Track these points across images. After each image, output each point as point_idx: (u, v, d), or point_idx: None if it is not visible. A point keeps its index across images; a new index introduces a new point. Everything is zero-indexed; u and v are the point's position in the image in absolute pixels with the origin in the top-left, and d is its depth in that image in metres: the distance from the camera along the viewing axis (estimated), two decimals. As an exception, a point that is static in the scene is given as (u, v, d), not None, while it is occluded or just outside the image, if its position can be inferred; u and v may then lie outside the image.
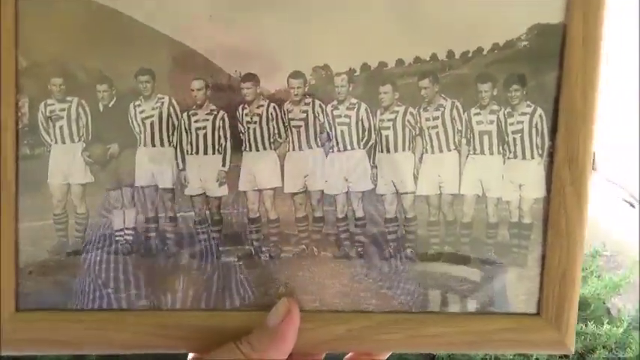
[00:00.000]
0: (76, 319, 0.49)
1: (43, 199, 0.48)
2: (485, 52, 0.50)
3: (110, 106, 0.48)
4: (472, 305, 0.52)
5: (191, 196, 0.50)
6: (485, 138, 0.51)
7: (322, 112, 0.50)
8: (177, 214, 0.50)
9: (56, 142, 0.48)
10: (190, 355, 0.51)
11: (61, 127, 0.48)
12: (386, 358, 0.55)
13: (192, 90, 0.48)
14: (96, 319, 0.49)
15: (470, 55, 0.50)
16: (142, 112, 0.48)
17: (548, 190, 0.52)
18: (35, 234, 0.48)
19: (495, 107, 0.51)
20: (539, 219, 0.52)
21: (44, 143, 0.48)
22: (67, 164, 0.48)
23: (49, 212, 0.48)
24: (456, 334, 0.52)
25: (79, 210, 0.49)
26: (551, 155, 0.51)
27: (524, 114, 0.51)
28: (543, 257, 0.52)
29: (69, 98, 0.47)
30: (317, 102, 0.50)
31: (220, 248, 0.50)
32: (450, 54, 0.50)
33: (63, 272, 0.49)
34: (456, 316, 0.52)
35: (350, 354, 0.55)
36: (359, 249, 0.51)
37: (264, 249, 0.51)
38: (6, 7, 0.45)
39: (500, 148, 0.52)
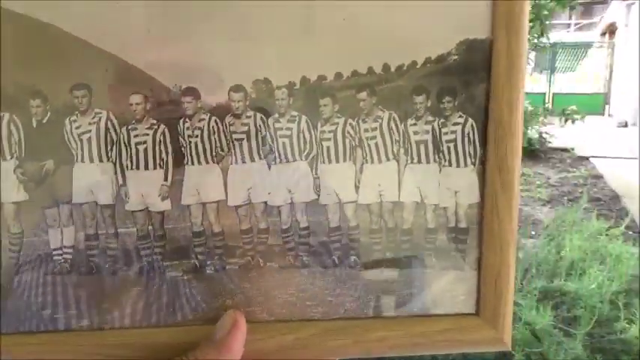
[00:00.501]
0: (12, 343, 0.47)
1: (-27, 219, 0.46)
2: (418, 66, 0.52)
3: (44, 121, 0.46)
4: (414, 308, 0.54)
5: (132, 212, 0.49)
6: (422, 147, 0.53)
7: (264, 125, 0.50)
8: (119, 230, 0.48)
9: (-14, 160, 0.46)
10: None
11: (-9, 145, 0.46)
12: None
13: (131, 104, 0.47)
14: (39, 342, 0.47)
15: (405, 68, 0.51)
16: (78, 127, 0.47)
17: (482, 195, 0.54)
18: (-35, 256, 0.46)
19: (430, 118, 0.53)
20: (474, 223, 0.54)
21: (-27, 161, 0.46)
22: (-1, 182, 0.46)
23: (-21, 233, 0.46)
24: (400, 337, 0.53)
25: (13, 229, 0.47)
26: (483, 163, 0.54)
27: (456, 124, 0.53)
28: (479, 259, 0.55)
29: (0, 114, 0.45)
30: (258, 115, 0.50)
31: (165, 263, 0.49)
32: (386, 67, 0.51)
33: (2, 295, 0.47)
34: (400, 320, 0.53)
35: (299, 363, 0.55)
36: (304, 259, 0.52)
37: (209, 262, 0.50)
38: None
39: (436, 156, 0.54)
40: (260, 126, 0.50)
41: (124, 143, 0.48)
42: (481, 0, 0.51)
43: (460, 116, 0.53)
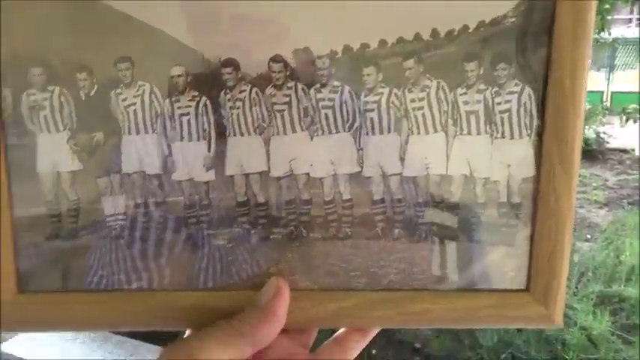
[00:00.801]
0: (74, 300, 0.50)
1: (34, 187, 0.48)
2: (471, 30, 0.48)
3: (91, 94, 0.47)
4: (460, 282, 0.52)
5: (179, 182, 0.50)
6: (473, 118, 0.50)
7: (305, 95, 0.49)
8: (167, 199, 0.50)
9: (42, 132, 0.48)
10: (188, 331, 0.52)
11: (45, 117, 0.47)
12: (376, 333, 0.56)
13: (173, 76, 0.48)
14: (93, 300, 0.50)
15: (455, 33, 0.48)
16: (124, 99, 0.48)
17: (538, 169, 0.51)
18: (30, 221, 0.49)
19: (482, 87, 0.49)
20: (528, 198, 0.51)
21: (30, 133, 0.48)
22: (54, 153, 0.48)
23: (41, 199, 0.49)
24: (444, 311, 0.52)
25: (71, 197, 0.49)
26: (539, 134, 0.50)
27: (511, 93, 0.49)
28: (532, 235, 0.52)
29: (50, 88, 0.47)
30: (299, 85, 0.48)
31: (210, 231, 0.51)
32: (435, 33, 0.48)
33: (60, 256, 0.50)
34: (444, 293, 0.52)
35: (341, 330, 0.56)
36: (347, 230, 0.51)
37: (253, 231, 0.51)
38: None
39: (488, 128, 0.50)
40: (301, 97, 0.49)
41: (168, 115, 0.49)
42: (544, -45, 0.46)
43: (516, 84, 0.49)
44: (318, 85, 0.49)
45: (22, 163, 0.48)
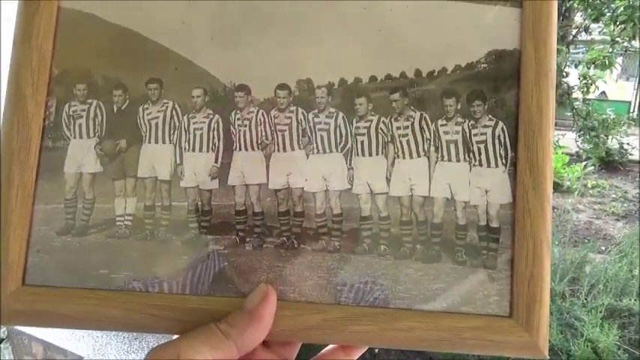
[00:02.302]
0: (75, 296, 0.51)
1: (57, 185, 0.53)
2: (448, 72, 0.55)
3: (123, 108, 0.54)
4: (443, 303, 0.53)
5: (185, 188, 0.54)
6: (452, 146, 0.55)
7: (304, 119, 0.55)
8: (172, 203, 0.54)
9: (74, 137, 0.54)
10: (175, 337, 0.52)
11: (80, 125, 0.54)
12: (360, 354, 0.55)
13: (193, 97, 0.55)
14: (93, 298, 0.51)
15: (435, 74, 0.55)
16: (149, 113, 0.54)
17: (514, 196, 0.54)
18: (47, 215, 0.52)
19: (460, 119, 0.55)
20: (507, 223, 0.54)
21: (65, 137, 0.54)
22: (81, 156, 0.54)
23: (61, 197, 0.53)
24: (427, 330, 0.52)
25: (87, 196, 0.54)
26: (514, 165, 0.55)
27: (486, 126, 0.55)
28: (512, 260, 0.54)
29: (89, 101, 0.54)
30: (300, 110, 0.55)
31: (209, 236, 0.53)
32: (418, 72, 0.55)
33: (67, 252, 0.53)
34: (428, 313, 0.53)
35: (326, 348, 0.55)
36: (336, 243, 0.54)
37: (248, 239, 0.53)
38: (49, 27, 0.54)
39: (466, 156, 0.55)
40: (301, 120, 0.55)
41: (184, 129, 0.55)
42: (509, 11, 0.55)
43: (490, 119, 0.55)
44: (316, 111, 0.55)
45: (52, 163, 0.53)
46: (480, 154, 0.55)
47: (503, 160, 0.54)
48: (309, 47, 0.55)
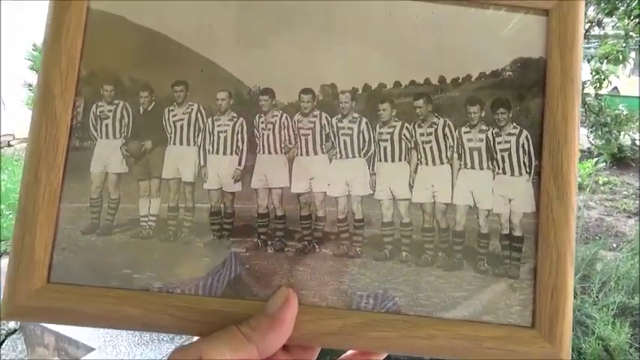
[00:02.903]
0: (98, 295, 0.51)
1: (83, 184, 0.53)
2: (473, 79, 0.54)
3: (149, 109, 0.54)
4: (465, 312, 0.52)
5: (208, 190, 0.54)
6: (475, 154, 0.54)
7: (328, 123, 0.55)
8: (196, 205, 0.54)
9: (101, 137, 0.54)
10: (195, 338, 0.52)
11: (106, 125, 0.54)
12: (380, 360, 0.54)
13: (218, 99, 0.55)
14: (116, 296, 0.51)
15: (459, 81, 0.54)
16: (174, 115, 0.55)
17: (537, 205, 0.53)
18: (73, 214, 0.53)
19: (484, 127, 0.54)
20: (530, 232, 0.53)
21: (91, 137, 0.54)
22: (107, 156, 0.54)
23: (86, 196, 0.53)
24: (448, 338, 0.51)
25: (113, 196, 0.54)
26: (538, 173, 0.54)
27: (510, 134, 0.54)
28: (535, 269, 0.53)
29: (116, 101, 0.54)
30: (324, 115, 0.55)
31: (231, 239, 0.53)
32: (442, 79, 0.55)
33: (91, 251, 0.53)
34: (449, 321, 0.52)
35: (346, 353, 0.55)
36: (357, 249, 0.53)
37: (269, 242, 0.53)
38: (78, 28, 0.54)
39: (490, 164, 0.54)
40: (324, 124, 0.55)
41: (209, 131, 0.55)
42: (534, 19, 0.55)
43: (514, 127, 0.54)
44: (339, 116, 0.55)
45: (78, 163, 0.54)
46: (503, 162, 0.54)
47: (527, 169, 0.53)
48: (333, 52, 0.55)
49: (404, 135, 0.54)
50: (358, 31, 0.55)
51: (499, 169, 0.54)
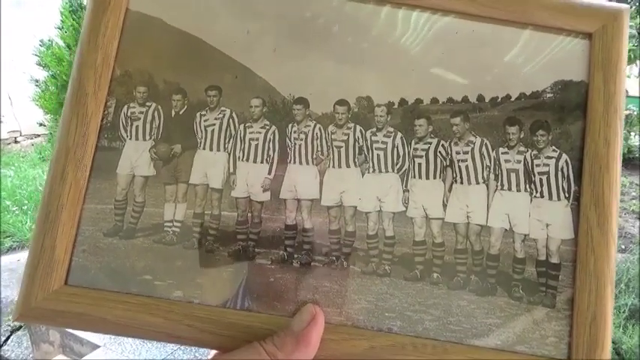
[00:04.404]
0: (116, 300, 0.48)
1: (109, 185, 0.51)
2: (512, 99, 0.52)
3: (180, 113, 0.52)
4: (497, 340, 0.49)
5: (236, 198, 0.52)
6: (513, 175, 0.52)
7: (362, 136, 0.52)
8: (222, 213, 0.52)
9: (130, 139, 0.52)
10: (212, 354, 0.49)
11: (137, 127, 0.52)
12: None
13: (251, 106, 0.53)
14: (135, 303, 0.48)
15: (498, 100, 0.52)
16: (205, 120, 0.53)
17: (577, 232, 0.51)
18: (96, 215, 0.50)
19: (522, 149, 0.52)
20: (568, 260, 0.50)
21: (121, 138, 0.52)
22: (135, 158, 0.52)
23: (111, 197, 0.50)
24: None
25: (138, 199, 0.51)
26: (577, 199, 0.51)
27: (550, 157, 0.52)
28: (572, 299, 0.50)
29: (148, 103, 0.52)
30: (358, 127, 0.52)
31: (256, 250, 0.51)
32: (480, 97, 0.52)
33: (112, 254, 0.50)
34: (480, 349, 0.49)
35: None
36: (387, 267, 0.50)
37: (296, 255, 0.50)
38: (115, 27, 0.53)
39: (528, 186, 0.52)
40: (358, 137, 0.52)
41: (240, 138, 0.53)
42: (576, 42, 0.53)
43: (554, 150, 0.52)
44: (374, 129, 0.52)
45: (105, 164, 0.51)
46: (541, 185, 0.51)
47: (566, 194, 0.51)
48: (370, 65, 0.53)
49: (439, 152, 0.52)
50: (397, 45, 0.53)
51: (537, 192, 0.51)
